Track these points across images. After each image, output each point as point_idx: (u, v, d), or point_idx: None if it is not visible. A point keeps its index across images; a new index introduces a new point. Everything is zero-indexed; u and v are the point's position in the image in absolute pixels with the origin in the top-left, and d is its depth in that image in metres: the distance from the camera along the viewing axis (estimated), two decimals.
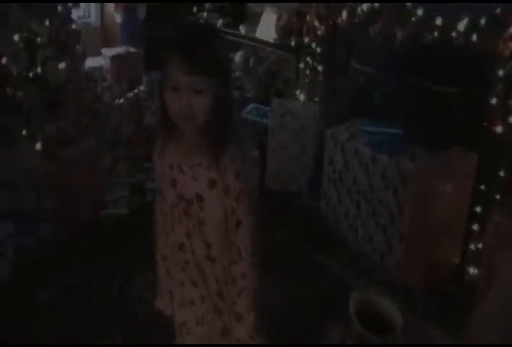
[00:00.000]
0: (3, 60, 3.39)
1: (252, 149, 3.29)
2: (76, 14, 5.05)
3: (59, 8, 4.63)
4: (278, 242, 3.07)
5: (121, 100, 4.00)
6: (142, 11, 5.24)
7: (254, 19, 4.50)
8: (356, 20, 3.48)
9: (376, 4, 3.30)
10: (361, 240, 3.03)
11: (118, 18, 5.36)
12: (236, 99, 4.10)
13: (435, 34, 2.86)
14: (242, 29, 4.48)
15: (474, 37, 2.66)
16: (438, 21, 2.83)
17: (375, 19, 3.31)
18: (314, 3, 3.83)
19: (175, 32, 1.38)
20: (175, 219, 1.45)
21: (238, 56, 4.44)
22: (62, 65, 3.78)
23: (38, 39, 3.79)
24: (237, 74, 4.38)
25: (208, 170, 1.37)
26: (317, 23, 3.84)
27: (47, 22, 4.29)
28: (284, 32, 4.19)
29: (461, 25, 2.70)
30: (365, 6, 3.39)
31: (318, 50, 3.78)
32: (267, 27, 4.33)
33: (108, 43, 5.30)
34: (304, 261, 2.92)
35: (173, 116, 1.34)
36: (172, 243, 1.48)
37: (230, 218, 1.40)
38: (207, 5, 5.00)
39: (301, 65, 3.90)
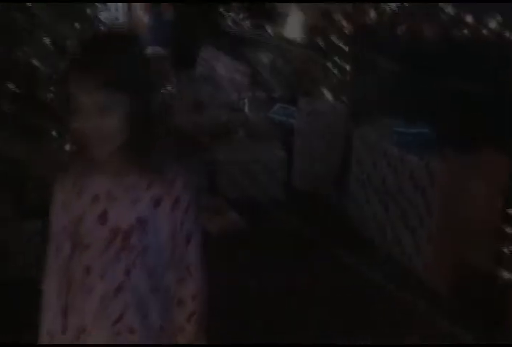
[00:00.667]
0: (35, 62, 3.45)
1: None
2: (104, 15, 5.11)
3: (88, 10, 4.69)
4: (304, 242, 3.06)
5: None
6: (170, 12, 5.28)
7: (282, 20, 4.49)
8: (384, 19, 3.44)
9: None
10: (390, 241, 2.98)
11: (146, 19, 5.42)
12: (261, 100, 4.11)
13: (465, 32, 2.81)
14: (269, 29, 4.48)
15: (507, 35, 2.60)
16: (469, 18, 2.77)
17: (403, 17, 3.27)
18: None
19: (77, 47, 1.24)
20: (108, 261, 1.25)
21: (265, 57, 4.43)
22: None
23: (68, 42, 3.84)
24: (264, 74, 4.37)
25: (149, 189, 1.24)
26: (344, 22, 3.82)
27: (76, 25, 4.35)
28: (311, 31, 4.17)
29: (493, 23, 2.65)
30: (393, 4, 3.35)
31: (346, 49, 3.75)
32: (295, 27, 4.31)
33: None
34: (331, 261, 2.89)
35: (83, 140, 1.18)
36: (103, 293, 1.26)
37: (179, 233, 1.28)
38: (234, 5, 5.00)
39: (329, 64, 3.87)
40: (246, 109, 4.04)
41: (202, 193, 3.29)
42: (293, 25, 4.35)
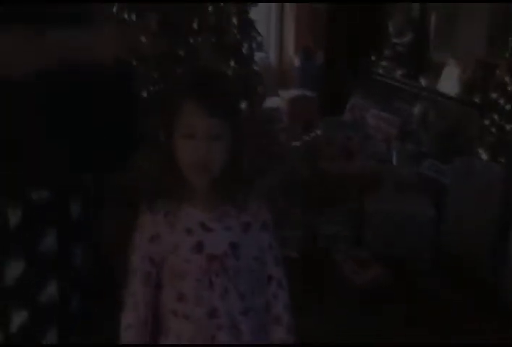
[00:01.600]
0: None
1: None
2: (258, 55, 5.35)
3: (243, 49, 4.93)
4: (447, 308, 2.91)
5: (297, 143, 4.11)
6: (320, 55, 5.40)
7: (436, 71, 4.42)
8: None
9: None
10: None
11: (296, 61, 5.58)
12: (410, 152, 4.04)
13: None
14: (422, 80, 4.42)
15: None
16: None
17: None
18: (507, 55, 3.67)
19: (188, 76, 1.33)
20: (203, 288, 1.31)
21: (416, 109, 4.36)
22: (243, 105, 3.99)
23: None
24: (414, 127, 4.31)
25: (239, 216, 1.33)
26: (507, 78, 3.68)
27: (232, 63, 4.59)
28: (468, 86, 4.06)
29: None
30: None
31: (508, 107, 3.60)
32: (450, 79, 4.22)
33: (285, 85, 5.52)
34: (474, 334, 2.71)
35: (187, 168, 1.24)
36: (198, 319, 1.31)
37: (268, 255, 1.39)
38: (386, 53, 5.01)
39: (486, 122, 3.73)
40: (395, 161, 3.99)
41: (348, 244, 3.28)
42: (449, 77, 4.26)
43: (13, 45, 1.34)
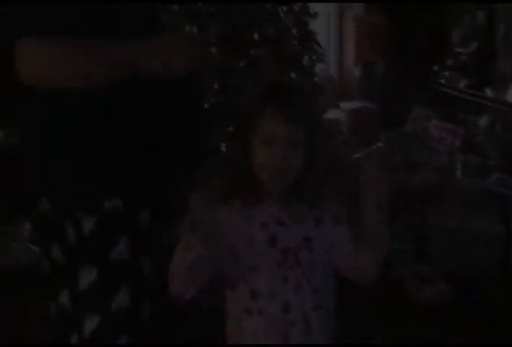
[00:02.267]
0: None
1: None
2: (318, 66, 5.33)
3: (304, 61, 4.93)
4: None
5: (358, 155, 4.06)
6: (381, 66, 5.34)
7: (502, 80, 4.28)
8: None
9: None
10: None
11: (357, 72, 5.53)
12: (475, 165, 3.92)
13: None
14: (488, 90, 4.29)
15: None
16: None
17: None
18: None
19: (268, 85, 1.37)
20: (277, 283, 1.32)
21: (482, 121, 4.24)
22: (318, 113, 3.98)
23: None
24: (480, 139, 4.18)
25: (311, 211, 1.35)
26: None
27: (292, 74, 4.59)
28: None
29: None
30: None
31: None
32: None
33: (345, 96, 5.48)
34: None
35: (263, 172, 1.29)
36: (272, 315, 1.32)
37: (348, 245, 1.36)
38: (450, 63, 4.90)
39: None
40: (459, 174, 3.88)
41: (410, 259, 3.21)
42: None
43: (83, 57, 1.38)
